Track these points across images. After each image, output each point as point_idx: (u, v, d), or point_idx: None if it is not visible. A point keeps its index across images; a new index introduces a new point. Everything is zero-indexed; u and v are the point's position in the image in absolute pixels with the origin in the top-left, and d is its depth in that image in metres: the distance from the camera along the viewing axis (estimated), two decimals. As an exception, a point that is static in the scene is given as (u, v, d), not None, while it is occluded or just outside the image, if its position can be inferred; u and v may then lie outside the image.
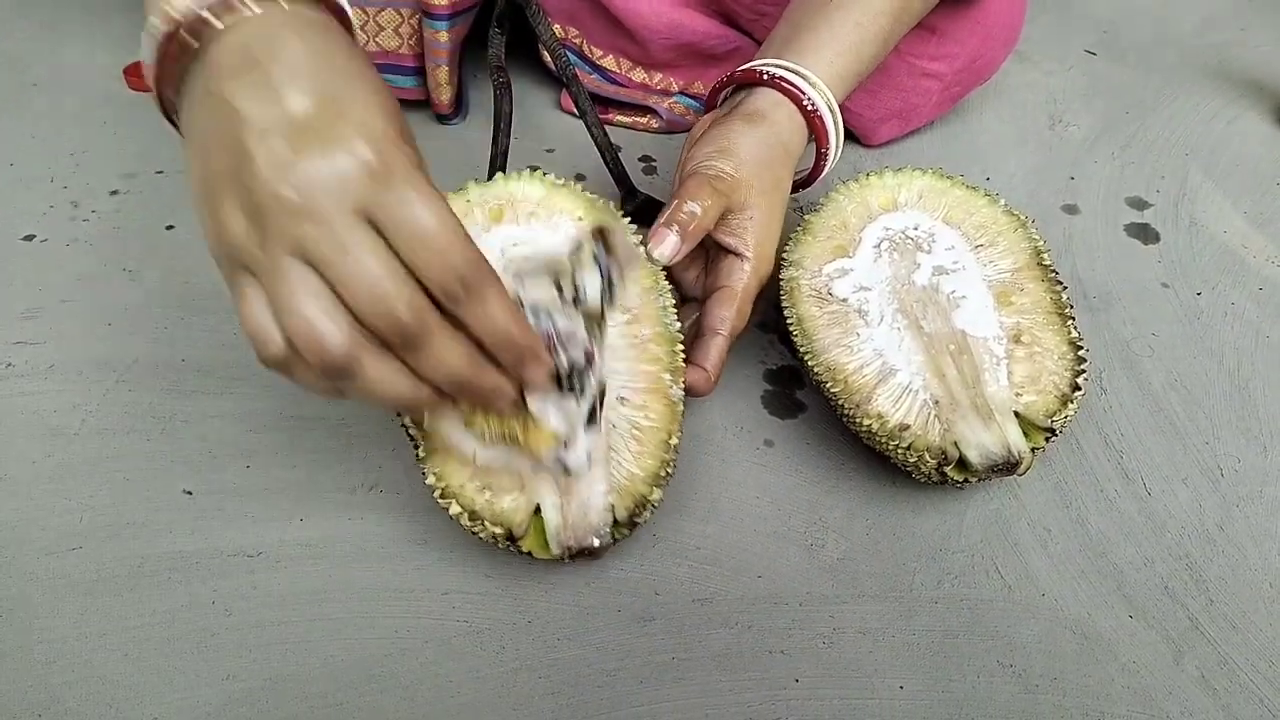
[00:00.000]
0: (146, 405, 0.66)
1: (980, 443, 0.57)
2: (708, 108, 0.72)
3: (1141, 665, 0.56)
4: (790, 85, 0.65)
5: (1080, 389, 0.59)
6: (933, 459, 0.57)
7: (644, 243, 0.59)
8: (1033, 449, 0.58)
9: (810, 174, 0.70)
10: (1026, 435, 0.58)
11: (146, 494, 0.61)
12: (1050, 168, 0.94)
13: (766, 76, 0.65)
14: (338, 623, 0.56)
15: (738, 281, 0.61)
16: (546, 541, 0.52)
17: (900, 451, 0.58)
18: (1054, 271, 0.64)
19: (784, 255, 0.67)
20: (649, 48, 0.89)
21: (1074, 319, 0.62)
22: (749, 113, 0.65)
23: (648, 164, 0.91)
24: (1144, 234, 0.86)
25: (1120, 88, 1.06)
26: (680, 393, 0.57)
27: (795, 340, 0.63)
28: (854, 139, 0.95)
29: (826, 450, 0.66)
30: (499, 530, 0.51)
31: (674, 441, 0.55)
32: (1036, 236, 0.66)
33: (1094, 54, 1.13)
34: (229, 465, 0.63)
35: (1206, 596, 0.59)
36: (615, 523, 0.53)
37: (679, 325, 0.59)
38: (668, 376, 0.56)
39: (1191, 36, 1.17)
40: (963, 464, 0.57)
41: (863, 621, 0.57)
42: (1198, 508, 0.64)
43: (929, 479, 0.59)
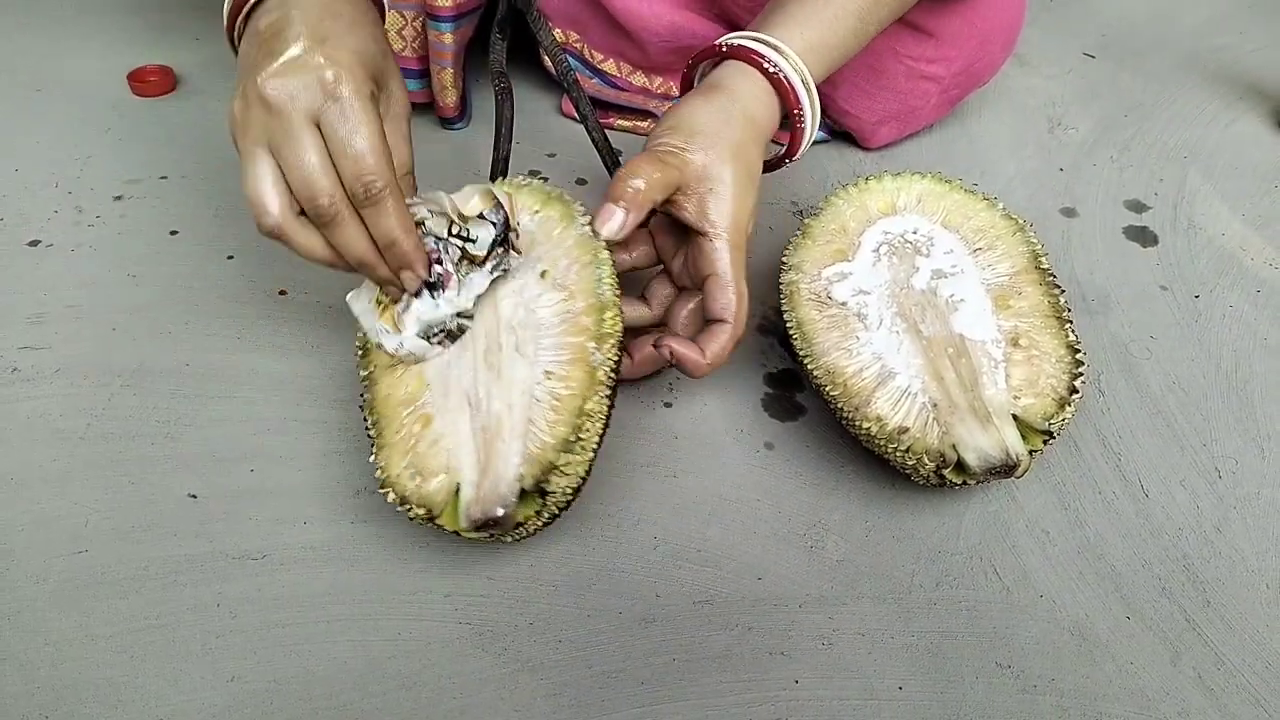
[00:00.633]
0: (151, 409, 0.66)
1: (978, 445, 0.57)
2: (682, 91, 0.71)
3: (1139, 666, 0.56)
4: (750, 51, 0.64)
5: (1078, 392, 0.59)
6: (931, 461, 0.57)
7: (590, 221, 0.60)
8: (1030, 451, 0.58)
9: (788, 148, 0.68)
10: (1024, 438, 0.58)
11: (151, 497, 0.61)
12: (1049, 170, 0.94)
13: (727, 48, 0.65)
14: (341, 625, 0.56)
15: (718, 262, 0.61)
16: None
17: (899, 454, 0.58)
18: (1052, 275, 0.65)
19: (784, 259, 0.67)
20: (649, 51, 0.89)
21: (1072, 322, 0.62)
22: (707, 86, 0.64)
23: (648, 168, 0.91)
24: (1142, 237, 0.87)
25: (1119, 91, 1.07)
26: (601, 358, 0.56)
27: (795, 343, 0.64)
28: (853, 142, 0.96)
29: (826, 453, 0.67)
30: (422, 511, 0.54)
31: (589, 406, 0.55)
32: (1035, 240, 0.66)
33: (1092, 57, 1.13)
34: (233, 469, 0.63)
35: (1204, 597, 0.60)
36: (524, 493, 0.53)
37: (612, 293, 0.58)
38: (591, 344, 0.56)
39: (1190, 40, 1.17)
40: (961, 466, 0.58)
41: (862, 623, 0.58)
42: (1195, 509, 0.64)
43: (928, 481, 0.60)
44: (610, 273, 0.59)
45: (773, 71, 0.64)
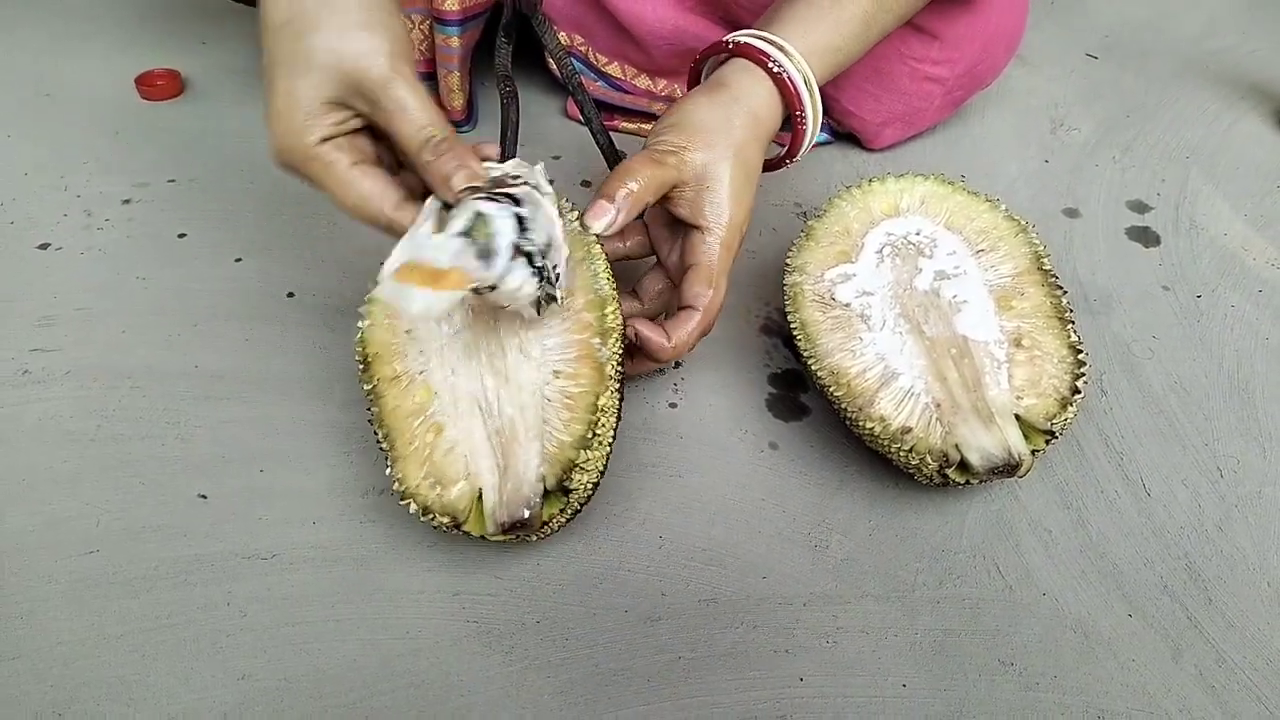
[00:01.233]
0: (161, 411, 0.67)
1: (981, 445, 0.58)
2: (689, 88, 0.71)
3: (1141, 663, 0.57)
4: (755, 50, 0.64)
5: (1080, 392, 0.59)
6: (934, 461, 0.58)
7: (581, 216, 0.60)
8: (1033, 451, 0.58)
9: (789, 147, 0.69)
10: (1027, 438, 0.59)
11: (161, 498, 0.62)
12: (1051, 171, 0.95)
13: (733, 45, 0.65)
14: (350, 624, 0.57)
15: (706, 255, 0.61)
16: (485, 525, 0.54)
17: (902, 454, 0.59)
18: (1054, 276, 0.65)
19: (788, 261, 0.68)
20: (653, 54, 0.90)
21: (1074, 323, 0.63)
22: (711, 83, 0.65)
23: (653, 170, 0.92)
24: (1145, 237, 0.87)
25: (1121, 92, 1.07)
26: (608, 353, 0.57)
27: (799, 344, 0.64)
28: (856, 143, 0.96)
29: (830, 453, 0.67)
30: (446, 519, 0.54)
31: (602, 402, 0.55)
32: (1037, 241, 0.67)
33: (1095, 58, 1.13)
34: (243, 470, 0.64)
35: (1205, 596, 0.60)
36: (547, 492, 0.54)
37: (610, 288, 0.59)
38: (596, 340, 0.57)
39: (1192, 41, 1.18)
40: (964, 466, 0.58)
41: (866, 621, 0.58)
42: (1197, 508, 0.65)
43: (931, 481, 0.60)
44: (605, 267, 0.59)
45: (777, 71, 0.64)
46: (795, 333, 0.64)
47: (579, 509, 0.56)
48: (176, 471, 0.64)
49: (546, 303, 0.54)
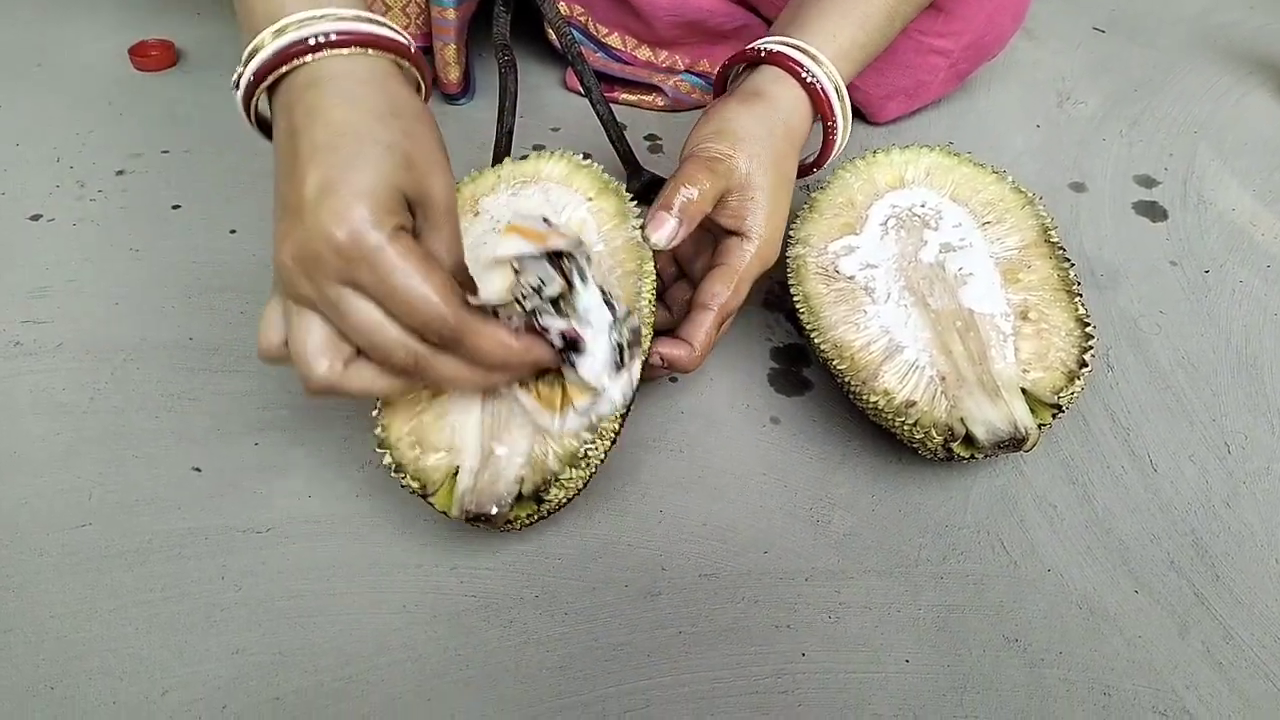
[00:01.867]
0: (154, 383, 0.66)
1: (987, 419, 0.57)
2: (716, 92, 0.71)
3: (1147, 639, 0.56)
4: (788, 59, 0.63)
5: (1087, 365, 0.59)
6: (939, 435, 0.57)
7: (642, 227, 0.59)
8: (1039, 425, 0.58)
9: (820, 155, 0.68)
10: (1033, 412, 0.58)
11: (155, 471, 0.61)
12: (1058, 145, 0.93)
13: (765, 53, 0.64)
14: (346, 597, 0.56)
15: (738, 260, 0.60)
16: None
17: (906, 428, 0.58)
18: (1061, 248, 0.64)
19: (791, 233, 0.67)
20: (655, 24, 0.88)
21: (1081, 296, 0.62)
22: (747, 92, 0.64)
23: (653, 142, 0.91)
24: (1152, 212, 0.86)
25: (1129, 65, 1.06)
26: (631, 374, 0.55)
27: (801, 318, 0.63)
28: (860, 116, 0.95)
29: (832, 427, 0.67)
30: (415, 484, 0.53)
31: (607, 424, 0.54)
32: (1044, 213, 0.66)
33: (1102, 31, 1.12)
34: (237, 442, 0.63)
35: (1212, 571, 0.59)
36: (521, 496, 0.53)
37: (649, 309, 0.58)
38: None
39: (1200, 14, 1.16)
40: (969, 440, 0.57)
41: (869, 596, 0.57)
42: (1204, 484, 0.64)
43: (935, 455, 0.59)
44: (651, 287, 0.58)
45: (810, 81, 0.63)
46: (798, 306, 0.63)
47: (547, 516, 0.55)
48: (170, 444, 0.63)
49: (620, 365, 0.53)
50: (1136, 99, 1.00)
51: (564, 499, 0.54)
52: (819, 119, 0.65)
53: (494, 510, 0.52)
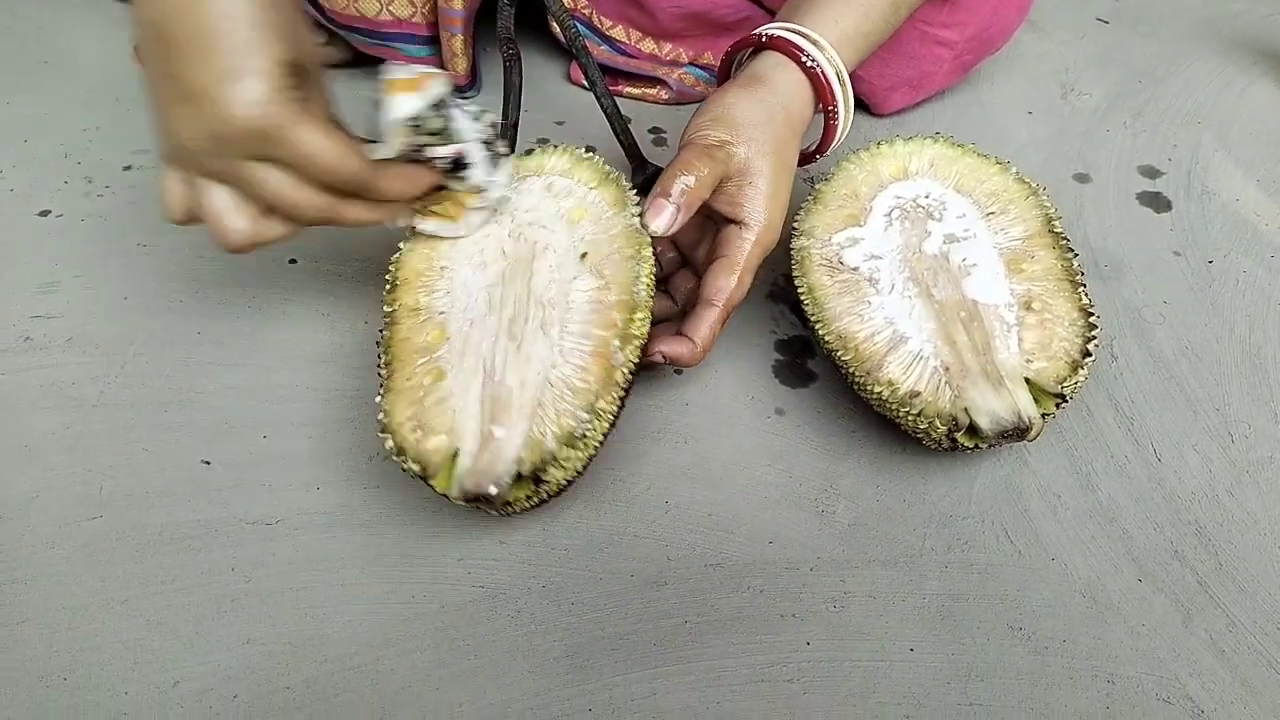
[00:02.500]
0: (163, 377, 0.67)
1: (991, 409, 0.57)
2: (719, 81, 0.71)
3: (1150, 628, 0.56)
4: (789, 44, 0.63)
5: (1091, 355, 0.59)
6: (943, 425, 0.57)
7: (641, 215, 0.59)
8: (1043, 415, 0.58)
9: (821, 142, 0.68)
10: (1037, 401, 0.58)
11: (164, 464, 0.62)
12: (1062, 136, 0.93)
13: (766, 38, 0.64)
14: (354, 588, 0.56)
15: (738, 250, 0.60)
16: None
17: (911, 418, 0.58)
18: (1065, 239, 0.64)
19: (795, 225, 0.67)
20: (658, 16, 0.88)
21: (1085, 286, 0.62)
22: (748, 76, 0.64)
23: (658, 135, 0.91)
24: (1156, 202, 0.86)
25: (1133, 56, 1.06)
26: (623, 359, 0.56)
27: (806, 309, 0.63)
28: (865, 108, 0.95)
29: (837, 418, 0.67)
30: (416, 467, 0.53)
31: (601, 405, 0.54)
32: (1048, 204, 0.66)
33: (1106, 22, 1.12)
34: (246, 435, 0.64)
35: (1215, 560, 0.60)
36: (520, 476, 0.53)
37: (647, 293, 0.58)
38: (616, 342, 0.56)
39: (1204, 4, 1.16)
40: (973, 430, 0.57)
41: (873, 586, 0.58)
42: (1208, 473, 0.64)
43: (939, 445, 0.59)
44: (649, 272, 0.59)
45: (810, 66, 0.63)
46: (802, 297, 0.64)
47: (547, 499, 0.56)
48: (180, 438, 0.63)
49: (495, 158, 0.58)
50: (1140, 90, 1.00)
51: (563, 480, 0.55)
52: (820, 106, 0.65)
53: (492, 490, 0.52)
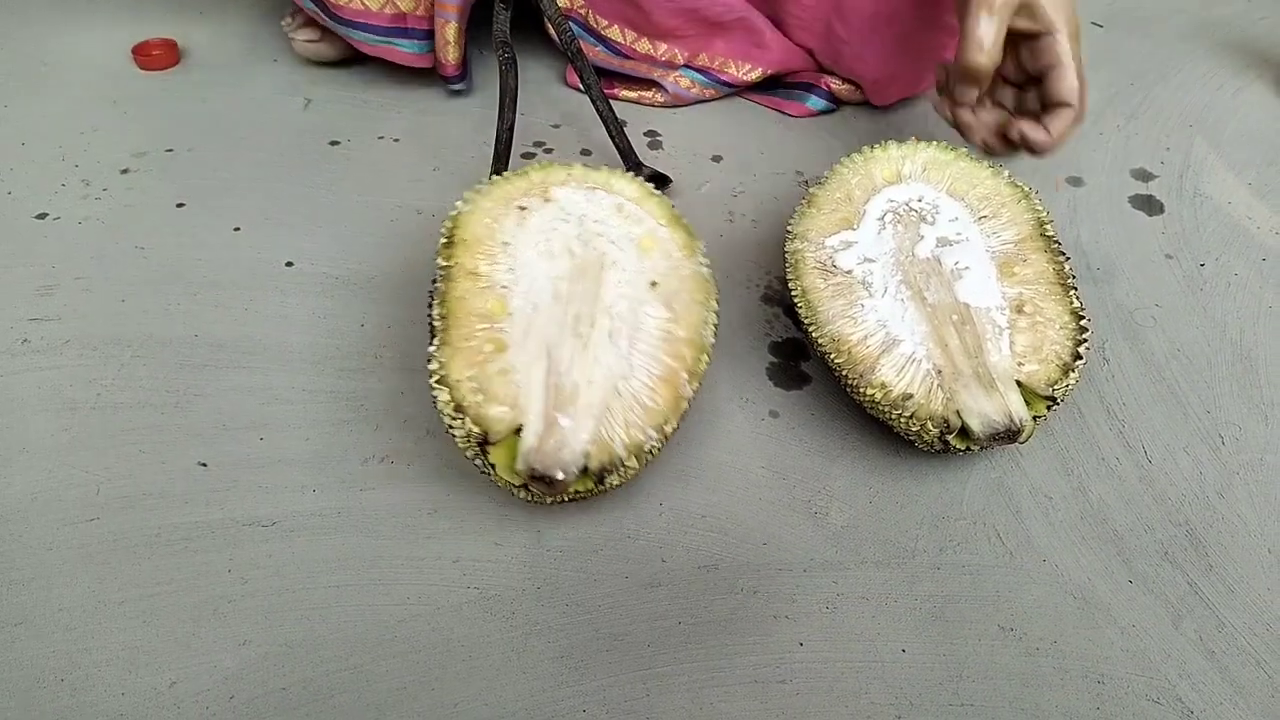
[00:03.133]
0: (160, 379, 0.67)
1: (982, 411, 0.57)
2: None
3: (1141, 629, 0.57)
4: None
5: (1082, 358, 0.59)
6: (935, 428, 0.58)
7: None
8: (1034, 417, 0.58)
9: None
10: (1028, 404, 0.59)
11: (161, 466, 0.62)
12: (1055, 140, 0.94)
13: None
14: (351, 590, 0.57)
15: (1061, 55, 0.66)
16: (512, 461, 0.53)
17: (903, 421, 0.59)
18: (1057, 242, 0.64)
19: (789, 228, 0.67)
20: (654, 14, 0.89)
21: (1076, 289, 0.62)
22: None
23: (653, 138, 0.91)
24: (1148, 205, 0.86)
25: (1126, 59, 1.06)
26: (689, 391, 0.58)
27: (799, 312, 0.64)
28: (858, 111, 0.95)
29: (830, 420, 0.67)
30: (476, 430, 0.53)
31: (669, 428, 0.56)
32: (1040, 208, 0.66)
33: (1100, 26, 1.12)
34: (242, 437, 0.64)
35: (1206, 562, 0.60)
36: (585, 469, 0.54)
37: (713, 338, 0.61)
38: (684, 375, 0.58)
39: (1198, 8, 1.17)
40: (965, 432, 0.58)
41: (866, 587, 0.58)
42: (1198, 475, 0.65)
43: (932, 448, 0.60)
44: (714, 320, 0.61)
45: None
46: (796, 300, 0.64)
47: (587, 498, 0.57)
48: (176, 439, 0.64)
49: None
50: (1133, 93, 1.01)
51: (615, 485, 0.56)
52: None
53: (560, 476, 0.52)
